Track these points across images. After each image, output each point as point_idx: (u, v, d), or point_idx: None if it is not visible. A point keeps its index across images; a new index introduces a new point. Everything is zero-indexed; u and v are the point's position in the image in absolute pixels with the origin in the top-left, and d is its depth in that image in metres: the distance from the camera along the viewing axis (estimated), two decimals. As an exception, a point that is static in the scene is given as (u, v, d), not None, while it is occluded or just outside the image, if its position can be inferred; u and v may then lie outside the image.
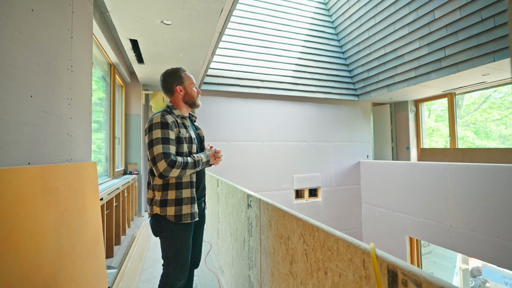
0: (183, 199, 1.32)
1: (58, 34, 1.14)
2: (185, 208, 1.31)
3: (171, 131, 1.29)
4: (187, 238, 1.35)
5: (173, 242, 1.32)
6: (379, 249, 0.60)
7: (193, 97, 1.45)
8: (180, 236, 1.32)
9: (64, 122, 1.21)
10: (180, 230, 1.32)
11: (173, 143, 1.29)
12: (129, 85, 4.27)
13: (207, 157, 1.38)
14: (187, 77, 1.44)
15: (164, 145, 1.25)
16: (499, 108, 5.41)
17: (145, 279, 2.16)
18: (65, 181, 1.10)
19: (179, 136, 1.33)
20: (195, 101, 1.46)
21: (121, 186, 2.90)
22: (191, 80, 1.45)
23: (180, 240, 1.32)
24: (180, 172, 1.25)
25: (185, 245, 1.35)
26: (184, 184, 1.33)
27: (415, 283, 0.49)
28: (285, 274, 1.05)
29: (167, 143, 1.26)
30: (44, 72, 1.02)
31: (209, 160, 1.40)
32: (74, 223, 1.15)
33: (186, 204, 1.32)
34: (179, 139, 1.33)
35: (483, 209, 3.50)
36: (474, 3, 3.38)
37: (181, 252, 1.33)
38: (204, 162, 1.36)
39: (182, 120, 1.42)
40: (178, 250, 1.32)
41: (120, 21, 2.30)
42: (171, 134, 1.29)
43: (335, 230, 0.76)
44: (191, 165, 1.29)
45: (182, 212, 1.31)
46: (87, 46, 1.53)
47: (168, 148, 1.26)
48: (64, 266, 1.01)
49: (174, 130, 1.31)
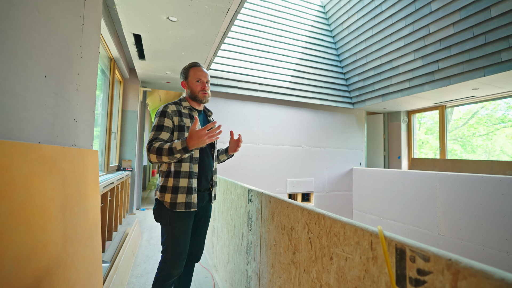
0: (179, 187, 1.32)
1: (71, 19, 1.15)
2: (180, 197, 1.32)
3: (167, 119, 1.32)
4: (185, 227, 1.35)
5: (171, 229, 1.33)
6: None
7: (194, 91, 1.43)
8: (178, 223, 1.33)
9: (72, 107, 1.21)
10: (178, 218, 1.33)
11: (167, 130, 1.31)
12: (128, 81, 4.25)
13: (183, 143, 1.19)
14: (193, 72, 1.45)
15: (156, 132, 1.30)
16: (485, 124, 5.62)
17: (138, 274, 2.13)
18: (70, 164, 1.10)
19: (180, 124, 1.34)
20: (196, 95, 1.43)
21: (115, 181, 2.87)
22: (197, 75, 1.44)
23: (178, 228, 1.33)
24: (157, 157, 1.23)
25: (183, 234, 1.34)
26: (182, 173, 1.33)
27: (423, 258, 0.53)
28: (287, 264, 1.07)
29: (159, 130, 1.30)
30: (58, 55, 1.03)
31: (186, 147, 1.19)
32: (76, 208, 1.14)
33: (182, 193, 1.32)
34: (180, 127, 1.34)
35: (470, 218, 3.61)
36: (467, 20, 3.54)
37: (178, 240, 1.33)
38: (179, 149, 1.19)
39: (190, 111, 1.43)
40: (175, 237, 1.33)
41: (125, 15, 2.32)
42: (167, 121, 1.32)
43: (342, 217, 0.79)
44: (165, 152, 1.21)
45: (177, 200, 1.31)
46: (95, 35, 1.54)
47: (158, 134, 1.29)
48: (66, 249, 1.00)
49: (172, 119, 1.34)
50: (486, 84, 3.84)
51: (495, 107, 5.33)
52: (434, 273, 0.51)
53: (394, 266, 0.59)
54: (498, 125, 5.41)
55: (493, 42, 3.35)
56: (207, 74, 1.49)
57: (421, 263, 0.53)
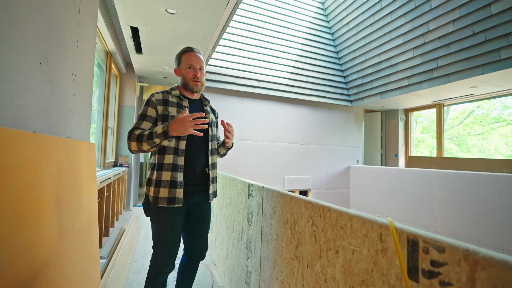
0: (162, 181, 1.24)
1: (68, 6, 1.11)
2: (162, 191, 1.24)
3: (150, 108, 1.26)
4: (173, 223, 1.28)
5: (158, 225, 1.28)
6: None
7: (185, 79, 1.34)
8: (164, 219, 1.26)
9: (68, 97, 1.18)
10: (164, 213, 1.26)
11: (149, 119, 1.25)
12: (124, 76, 4.19)
13: (164, 127, 1.15)
14: (185, 57, 1.34)
15: (138, 121, 1.25)
16: (481, 123, 5.66)
17: (135, 269, 2.10)
18: (67, 156, 1.07)
19: (164, 113, 1.27)
20: (187, 83, 1.34)
21: (112, 176, 2.83)
22: (189, 61, 1.33)
23: (165, 224, 1.26)
24: (137, 144, 1.17)
25: (170, 230, 1.28)
26: (165, 166, 1.25)
27: (438, 249, 0.51)
28: (289, 259, 1.05)
29: (142, 119, 1.25)
30: (53, 41, 0.99)
31: (166, 131, 1.14)
32: (73, 201, 1.11)
33: (164, 187, 1.24)
34: (164, 116, 1.27)
35: (467, 215, 3.63)
36: (467, 17, 3.54)
37: (166, 237, 1.27)
38: (159, 132, 1.14)
39: (180, 100, 1.34)
40: (163, 234, 1.27)
41: (123, 6, 2.27)
42: (150, 110, 1.26)
43: (348, 209, 0.77)
44: (145, 137, 1.16)
45: (159, 194, 1.23)
46: (92, 25, 1.49)
47: (140, 123, 1.23)
48: (63, 243, 0.97)
49: (156, 108, 1.27)
50: (484, 82, 3.85)
51: (491, 106, 5.37)
52: (450, 264, 0.49)
53: (405, 258, 0.57)
54: (493, 125, 5.46)
55: (493, 40, 3.35)
56: (202, 60, 1.37)
57: (435, 254, 0.51)
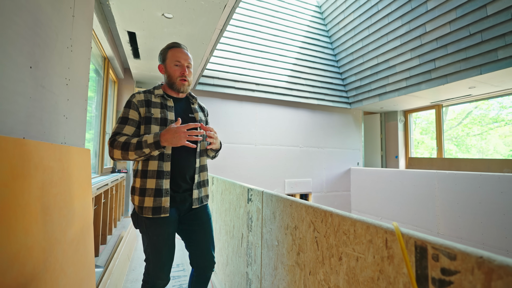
0: (146, 189, 1.15)
1: (60, 9, 1.09)
2: (147, 200, 1.15)
3: (132, 110, 1.17)
4: (164, 234, 1.19)
5: (148, 237, 1.19)
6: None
7: (171, 77, 1.23)
8: (155, 231, 1.17)
9: (61, 102, 1.15)
10: (154, 225, 1.17)
11: (132, 123, 1.16)
12: (122, 81, 4.17)
13: (155, 137, 1.07)
14: (171, 53, 1.23)
15: (119, 125, 1.16)
16: (479, 124, 5.66)
17: (133, 278, 2.05)
18: (59, 163, 1.04)
19: (147, 115, 1.17)
20: (174, 81, 1.23)
21: (110, 183, 2.79)
22: (176, 57, 1.22)
23: (155, 236, 1.18)
24: (122, 153, 1.09)
25: (162, 242, 1.19)
26: (149, 173, 1.15)
27: (449, 256, 0.48)
28: (291, 266, 1.02)
29: (123, 123, 1.16)
30: (45, 45, 0.97)
31: (158, 141, 1.06)
32: (66, 209, 1.07)
33: (149, 196, 1.15)
34: (147, 119, 1.17)
35: (469, 216, 3.59)
36: (463, 18, 3.55)
37: (157, 249, 1.19)
38: (150, 142, 1.06)
39: (163, 100, 1.23)
40: (154, 246, 1.19)
41: (119, 11, 2.26)
42: (131, 113, 1.17)
43: (351, 214, 0.74)
44: (133, 146, 1.07)
45: (144, 204, 1.15)
46: (87, 29, 1.47)
47: (122, 128, 1.15)
48: (54, 254, 0.93)
49: (138, 110, 1.17)
50: (482, 82, 3.85)
51: (488, 107, 5.37)
52: (462, 273, 0.46)
53: (414, 265, 0.54)
54: (492, 125, 5.45)
55: (490, 40, 3.35)
56: (190, 57, 1.26)
57: (446, 262, 0.48)
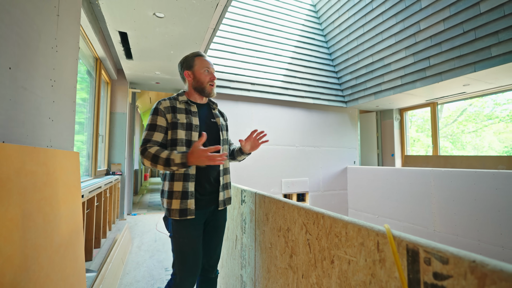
0: (174, 192, 1.20)
1: (43, 8, 1.06)
2: (174, 203, 1.19)
3: (160, 117, 1.22)
4: (190, 237, 1.20)
5: (175, 240, 1.21)
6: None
7: (202, 82, 1.30)
8: (181, 233, 1.19)
9: (46, 104, 1.11)
10: (181, 227, 1.19)
11: (160, 130, 1.21)
12: (116, 82, 4.12)
13: (183, 158, 1.12)
14: (200, 61, 1.32)
15: (148, 132, 1.20)
16: (474, 121, 5.69)
17: (126, 282, 2.02)
18: (44, 167, 1.00)
19: (173, 121, 1.22)
20: (204, 86, 1.30)
21: (103, 185, 2.74)
22: (204, 64, 1.31)
23: (182, 238, 1.19)
24: (152, 164, 1.15)
25: (188, 245, 1.20)
26: (176, 176, 1.21)
27: (441, 259, 0.46)
28: (284, 269, 0.99)
29: (152, 130, 1.20)
30: (26, 46, 0.94)
31: (184, 163, 1.12)
32: (52, 215, 1.04)
33: (176, 199, 1.19)
34: (173, 124, 1.22)
35: (465, 214, 3.60)
36: (456, 16, 3.55)
37: (183, 253, 1.20)
38: (177, 162, 1.12)
39: (188, 105, 1.29)
40: (180, 250, 1.20)
41: (109, 11, 2.22)
42: (159, 120, 1.21)
43: (343, 215, 0.72)
44: (161, 161, 1.13)
45: (172, 206, 1.19)
46: (74, 29, 1.44)
47: (151, 135, 1.20)
48: (39, 261, 0.90)
49: (166, 116, 1.22)
50: (476, 80, 3.86)
51: (483, 104, 5.40)
52: (455, 277, 0.44)
53: (405, 269, 0.52)
54: (486, 122, 5.48)
55: (483, 38, 3.36)
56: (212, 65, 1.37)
57: (438, 266, 0.46)
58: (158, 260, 2.57)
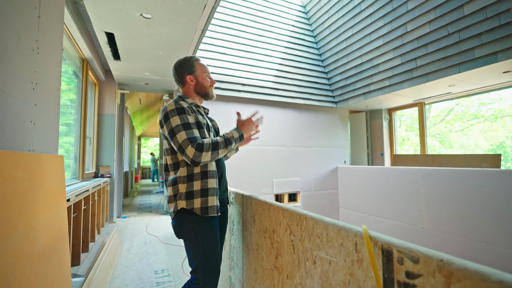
0: (209, 189, 1.19)
1: (23, 9, 1.03)
2: (210, 200, 1.18)
3: (189, 115, 1.20)
4: (214, 237, 1.20)
5: (197, 243, 1.18)
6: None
7: (205, 87, 1.34)
8: (205, 235, 1.17)
9: (27, 107, 1.09)
10: (204, 229, 1.17)
11: (194, 127, 1.19)
12: (103, 83, 4.05)
13: (239, 131, 1.21)
14: (200, 66, 1.36)
15: (187, 131, 1.15)
16: (460, 120, 5.85)
17: (115, 286, 1.99)
18: (25, 172, 0.98)
19: (198, 120, 1.23)
20: (207, 91, 1.35)
21: (91, 188, 2.70)
22: (204, 69, 1.35)
23: (206, 240, 1.17)
24: (212, 154, 1.13)
25: (212, 246, 1.19)
26: (209, 173, 1.20)
27: (412, 259, 0.47)
28: (270, 270, 1.00)
29: (189, 128, 1.16)
30: (4, 48, 0.92)
31: (242, 135, 1.21)
32: (34, 220, 1.02)
33: (212, 195, 1.19)
34: (199, 124, 1.23)
35: (451, 211, 3.70)
36: (441, 18, 3.65)
37: (208, 254, 1.18)
38: (237, 137, 1.20)
39: (197, 108, 1.33)
40: (204, 252, 1.17)
41: (95, 11, 2.18)
42: (190, 118, 1.20)
43: (324, 217, 0.73)
44: (222, 144, 1.15)
45: (208, 204, 1.17)
46: (57, 30, 1.41)
47: (192, 133, 1.16)
48: (20, 268, 0.89)
49: (191, 115, 1.22)
50: (461, 80, 3.97)
51: (469, 103, 5.55)
52: (425, 276, 0.45)
53: (381, 269, 0.53)
54: (473, 121, 5.64)
55: (467, 40, 3.46)
56: None
57: (409, 265, 0.48)
58: (148, 263, 2.55)
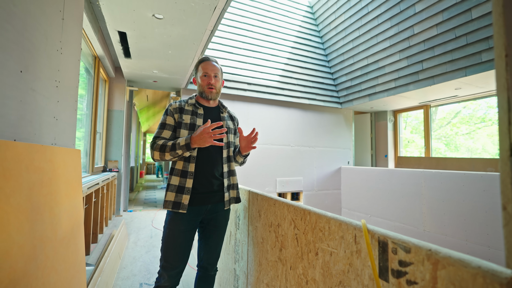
0: (170, 185, 1.29)
1: (50, 13, 1.11)
2: (169, 195, 1.27)
3: (169, 116, 1.33)
4: (178, 230, 1.24)
5: (164, 231, 1.28)
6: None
7: (202, 87, 1.38)
8: (170, 225, 1.26)
9: (51, 104, 1.17)
10: (171, 219, 1.27)
11: (168, 128, 1.32)
12: (113, 80, 4.15)
13: (186, 139, 1.20)
14: (201, 67, 1.39)
15: (159, 130, 1.32)
16: (467, 123, 5.82)
17: (124, 276, 2.08)
18: (50, 163, 1.06)
19: (179, 121, 1.32)
20: (203, 90, 1.37)
21: (100, 182, 2.80)
22: (204, 70, 1.37)
23: (169, 230, 1.26)
24: (160, 154, 1.24)
25: (172, 237, 1.24)
26: (175, 171, 1.30)
27: (405, 249, 0.53)
28: (274, 262, 1.07)
29: (161, 128, 1.32)
30: (35, 49, 0.99)
31: (188, 144, 1.18)
32: (57, 209, 1.10)
33: (171, 192, 1.27)
34: (179, 124, 1.32)
35: (453, 214, 3.72)
36: (449, 21, 3.65)
37: (167, 244, 1.25)
38: (182, 145, 1.19)
39: (195, 108, 1.37)
40: (165, 240, 1.26)
41: (110, 12, 2.26)
42: (168, 119, 1.33)
43: (327, 212, 0.79)
44: (168, 148, 1.22)
45: (166, 198, 1.27)
46: (77, 31, 1.49)
47: (160, 132, 1.31)
48: (45, 251, 0.97)
49: (174, 116, 1.33)
50: (467, 84, 3.97)
51: (476, 106, 5.52)
52: (415, 264, 0.51)
53: (377, 258, 0.59)
54: (480, 124, 5.62)
55: (474, 43, 3.46)
56: (217, 68, 1.39)
57: (402, 255, 0.54)
58: (154, 256, 2.64)
